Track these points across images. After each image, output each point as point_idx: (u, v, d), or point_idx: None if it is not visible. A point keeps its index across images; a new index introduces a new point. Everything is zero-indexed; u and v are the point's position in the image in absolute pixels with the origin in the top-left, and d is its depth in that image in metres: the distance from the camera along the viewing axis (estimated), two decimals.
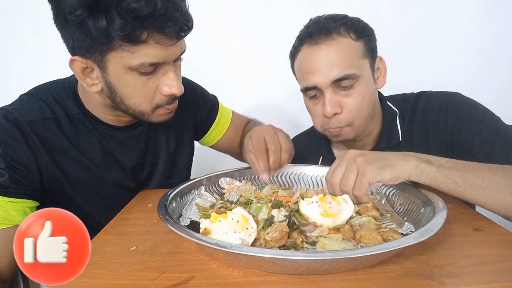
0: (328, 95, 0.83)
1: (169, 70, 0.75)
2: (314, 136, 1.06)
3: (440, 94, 0.90)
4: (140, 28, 0.66)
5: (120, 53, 0.69)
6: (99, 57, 0.70)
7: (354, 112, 0.84)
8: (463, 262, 0.51)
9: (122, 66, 0.71)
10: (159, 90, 0.76)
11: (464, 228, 0.62)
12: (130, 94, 0.75)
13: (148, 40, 0.67)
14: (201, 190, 0.76)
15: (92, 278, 0.49)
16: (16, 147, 0.74)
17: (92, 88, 0.76)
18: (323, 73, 0.82)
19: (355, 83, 0.83)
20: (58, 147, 0.80)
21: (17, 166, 0.74)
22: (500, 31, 1.52)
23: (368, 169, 0.63)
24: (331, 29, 0.82)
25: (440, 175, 0.64)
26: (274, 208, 0.62)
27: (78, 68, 0.73)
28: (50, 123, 0.79)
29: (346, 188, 0.65)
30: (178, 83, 0.76)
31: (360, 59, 0.84)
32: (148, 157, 0.94)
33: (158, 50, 0.70)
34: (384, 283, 0.46)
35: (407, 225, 0.60)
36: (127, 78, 0.73)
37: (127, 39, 0.66)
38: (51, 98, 0.82)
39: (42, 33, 1.41)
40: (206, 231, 0.56)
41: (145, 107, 0.77)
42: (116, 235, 0.64)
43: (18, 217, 0.73)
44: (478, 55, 1.54)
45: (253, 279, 0.48)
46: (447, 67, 1.54)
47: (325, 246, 0.54)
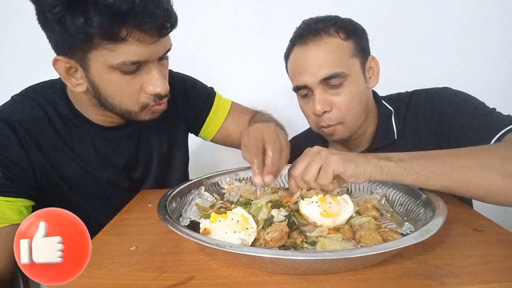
0: (317, 94, 0.85)
1: (153, 69, 0.74)
2: (311, 137, 1.06)
3: (429, 90, 0.91)
4: (119, 25, 0.64)
5: (101, 51, 0.67)
6: (81, 56, 0.69)
7: (344, 110, 0.85)
8: (463, 262, 0.51)
9: (104, 65, 0.70)
10: (144, 89, 0.75)
11: (464, 228, 0.62)
12: (114, 93, 0.74)
13: (127, 37, 0.66)
14: (201, 190, 0.76)
15: (92, 278, 0.50)
16: (9, 146, 0.75)
17: (77, 88, 0.75)
18: (312, 72, 0.84)
19: (344, 82, 0.84)
20: (51, 145, 0.80)
21: (10, 165, 0.74)
22: (499, 31, 1.52)
23: (333, 159, 0.63)
24: (320, 30, 0.84)
25: (399, 169, 0.63)
26: (274, 208, 0.62)
27: (62, 68, 0.73)
28: (42, 122, 0.80)
29: (307, 177, 0.63)
30: (162, 82, 0.75)
31: (349, 58, 0.85)
32: (141, 156, 0.93)
33: (139, 48, 0.68)
34: (384, 283, 0.46)
35: (407, 225, 0.60)
36: (110, 77, 0.71)
37: (106, 36, 0.65)
38: (42, 98, 0.82)
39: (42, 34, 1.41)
40: (206, 231, 0.56)
41: (131, 106, 0.76)
42: (116, 235, 0.64)
43: (14, 216, 0.73)
44: (477, 55, 1.54)
45: (253, 279, 0.48)
46: (446, 67, 1.54)
47: (325, 246, 0.54)
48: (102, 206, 0.86)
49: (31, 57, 1.47)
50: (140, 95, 0.75)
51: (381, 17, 1.36)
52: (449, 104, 0.84)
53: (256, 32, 1.51)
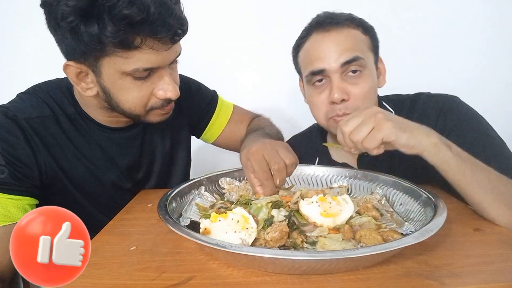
0: (336, 81, 0.83)
1: (165, 74, 0.74)
2: (311, 137, 1.05)
3: (439, 98, 0.89)
4: (133, 34, 0.65)
5: (114, 58, 0.68)
6: (93, 63, 0.70)
7: (360, 102, 0.84)
8: (463, 262, 0.51)
9: (116, 72, 0.70)
10: (154, 93, 0.76)
11: (464, 228, 0.62)
12: (125, 98, 0.75)
13: (141, 45, 0.67)
14: (201, 190, 0.76)
15: (92, 278, 0.49)
16: (16, 144, 0.74)
17: (87, 93, 0.76)
18: (332, 57, 0.83)
19: (363, 71, 0.84)
20: (57, 144, 0.80)
21: (16, 163, 0.74)
22: (501, 32, 1.52)
23: (386, 126, 0.61)
24: (341, 20, 0.85)
25: (453, 162, 0.63)
26: (274, 208, 0.62)
27: (72, 73, 0.73)
28: (49, 121, 0.80)
29: (356, 138, 0.63)
30: (173, 87, 0.76)
31: (367, 51, 0.86)
32: (144, 158, 0.94)
33: (152, 55, 0.69)
34: (384, 283, 0.46)
35: (407, 225, 0.60)
36: (122, 83, 0.72)
37: (120, 45, 0.66)
38: (48, 97, 0.82)
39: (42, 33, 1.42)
40: (206, 231, 0.56)
41: (140, 110, 0.77)
42: (116, 235, 0.64)
43: (18, 214, 0.73)
44: (478, 57, 1.54)
45: (253, 279, 0.48)
46: (447, 68, 1.54)
47: (325, 246, 0.54)
48: (105, 206, 0.86)
49: (31, 58, 1.47)
50: (150, 99, 0.76)
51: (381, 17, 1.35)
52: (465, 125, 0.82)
53: (257, 32, 1.51)
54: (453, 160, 0.63)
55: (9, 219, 0.72)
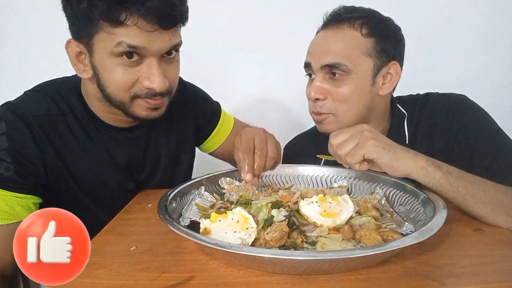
0: (317, 79, 0.85)
1: (153, 63, 0.73)
2: (317, 136, 1.05)
3: (447, 97, 0.89)
4: (120, 8, 0.66)
5: (103, 35, 0.69)
6: (87, 41, 0.71)
7: (338, 103, 0.84)
8: (463, 262, 0.51)
9: (105, 51, 0.71)
10: (140, 81, 0.74)
11: (464, 228, 0.62)
12: (110, 80, 0.74)
13: (126, 21, 0.67)
14: (201, 190, 0.76)
15: (92, 278, 0.49)
16: (23, 142, 0.74)
17: (83, 74, 0.76)
18: (317, 55, 0.85)
19: (346, 77, 0.83)
20: (63, 143, 0.80)
21: (23, 161, 0.73)
22: (505, 31, 1.52)
23: (369, 144, 0.64)
24: (344, 19, 0.85)
25: (445, 181, 0.64)
26: (274, 208, 0.62)
27: (73, 51, 0.74)
28: (56, 119, 0.80)
29: (340, 152, 0.67)
30: (160, 78, 0.73)
31: (360, 55, 0.83)
32: (149, 159, 0.93)
33: (137, 33, 0.69)
34: (384, 283, 0.46)
35: (407, 225, 0.60)
36: (109, 63, 0.72)
37: (106, 18, 0.67)
38: (56, 95, 0.82)
39: (41, 34, 1.42)
40: (206, 231, 0.56)
41: (123, 95, 0.75)
42: (116, 235, 0.64)
43: (23, 213, 0.73)
44: (482, 56, 1.54)
45: (253, 279, 0.48)
46: (449, 68, 1.54)
47: (325, 246, 0.54)
48: (107, 206, 0.86)
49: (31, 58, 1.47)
50: (135, 86, 0.75)
51: None
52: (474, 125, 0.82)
53: (257, 32, 1.51)
54: (444, 180, 0.64)
55: (14, 217, 0.72)
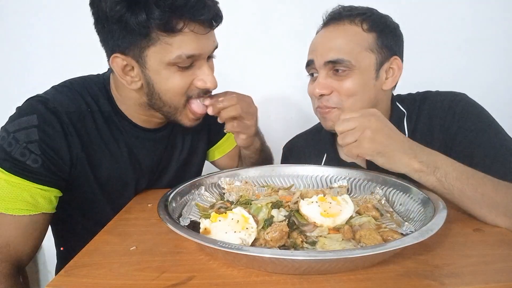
0: (321, 76, 0.85)
1: (204, 65, 0.78)
2: (319, 134, 1.05)
3: (447, 95, 0.89)
4: (176, 17, 0.70)
5: (159, 47, 0.72)
6: (138, 54, 0.73)
7: (344, 96, 0.84)
8: (463, 262, 0.51)
9: (161, 62, 0.73)
10: (194, 83, 0.79)
11: (464, 228, 0.62)
12: (167, 88, 0.77)
13: (184, 29, 0.71)
14: (201, 190, 0.76)
15: (92, 278, 0.49)
16: (54, 136, 0.75)
17: (132, 86, 0.78)
18: (320, 52, 0.85)
19: (350, 72, 0.83)
20: (90, 140, 0.81)
21: (52, 155, 0.74)
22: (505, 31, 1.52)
23: (365, 146, 0.66)
24: (344, 16, 0.86)
25: (438, 185, 0.65)
26: (274, 208, 0.62)
27: (119, 66, 0.76)
28: (85, 116, 0.81)
29: (340, 142, 0.70)
30: (212, 77, 0.79)
31: (363, 50, 0.83)
32: (163, 160, 0.94)
33: (193, 40, 0.73)
34: (384, 283, 0.46)
35: (407, 225, 0.60)
36: (166, 73, 0.75)
37: (164, 29, 0.70)
38: (86, 92, 0.83)
39: (41, 34, 1.42)
40: (206, 231, 0.56)
41: (179, 100, 0.80)
42: (116, 235, 0.64)
43: (45, 205, 0.73)
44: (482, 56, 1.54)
45: (253, 279, 0.48)
46: (449, 67, 1.54)
47: (325, 246, 0.54)
48: (118, 204, 0.86)
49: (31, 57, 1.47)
50: (189, 88, 0.79)
51: None
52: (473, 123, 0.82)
53: (257, 32, 1.51)
54: (437, 184, 0.65)
55: (36, 208, 0.72)
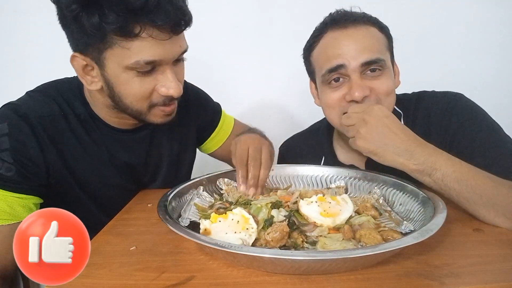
0: (356, 79, 0.80)
1: (168, 71, 0.74)
2: (316, 136, 1.04)
3: (443, 95, 0.88)
4: (133, 21, 0.66)
5: (116, 50, 0.68)
6: (96, 55, 0.70)
7: (382, 96, 0.82)
8: (463, 262, 0.51)
9: (119, 65, 0.70)
10: (157, 89, 0.75)
11: (464, 228, 0.62)
12: (127, 92, 0.74)
13: (141, 33, 0.67)
14: (200, 190, 0.76)
15: (92, 278, 0.49)
16: (25, 143, 0.74)
17: (91, 86, 0.76)
18: (351, 54, 0.80)
19: (383, 72, 0.81)
20: (65, 144, 0.80)
21: (25, 162, 0.73)
22: (506, 31, 1.52)
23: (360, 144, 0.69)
24: (358, 18, 0.83)
25: (435, 186, 0.66)
26: (273, 209, 0.62)
27: (79, 65, 0.74)
28: (58, 120, 0.80)
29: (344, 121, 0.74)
30: (176, 84, 0.75)
31: (385, 49, 0.84)
32: (151, 160, 0.94)
33: (152, 45, 0.69)
34: (384, 283, 0.46)
35: (406, 224, 0.60)
36: (125, 77, 0.72)
37: (120, 33, 0.66)
38: (59, 96, 0.82)
39: (41, 34, 1.41)
40: (206, 232, 0.56)
41: (141, 106, 0.76)
42: (116, 235, 0.64)
43: (24, 213, 0.73)
44: (480, 56, 1.54)
45: (253, 279, 0.48)
46: (449, 68, 1.54)
47: (325, 246, 0.54)
48: (109, 207, 0.86)
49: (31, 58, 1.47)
50: (152, 95, 0.76)
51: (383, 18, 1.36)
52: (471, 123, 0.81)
53: (256, 32, 1.51)
54: (433, 184, 0.66)
55: (15, 217, 0.72)
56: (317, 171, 0.84)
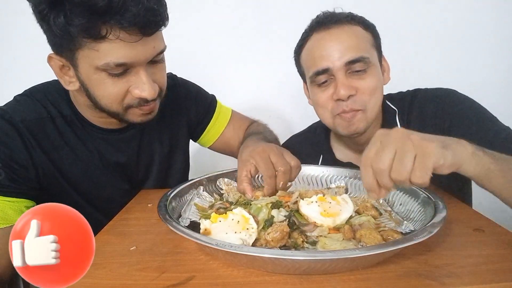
0: (341, 78, 0.81)
1: (141, 72, 0.72)
2: (314, 135, 1.05)
3: (436, 91, 0.90)
4: (98, 23, 0.64)
5: (87, 51, 0.67)
6: (69, 55, 0.70)
7: (368, 96, 0.83)
8: (463, 262, 0.51)
9: (90, 66, 0.69)
10: (130, 91, 0.73)
11: (464, 228, 0.62)
12: (101, 94, 0.73)
13: (108, 35, 0.65)
14: (200, 190, 0.76)
15: (92, 278, 0.49)
16: (12, 146, 0.75)
17: (69, 86, 0.76)
18: (335, 56, 0.81)
19: (368, 69, 0.82)
20: (53, 146, 0.80)
21: (13, 165, 0.74)
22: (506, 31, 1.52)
23: (432, 148, 0.48)
24: (342, 18, 0.84)
25: (494, 166, 0.55)
26: (273, 209, 0.62)
27: (56, 65, 0.73)
28: (45, 123, 0.80)
29: (402, 174, 0.48)
30: (150, 86, 0.73)
31: (371, 47, 0.85)
32: (142, 159, 0.93)
33: (121, 47, 0.67)
34: (384, 283, 0.46)
35: (406, 224, 0.60)
36: (97, 78, 0.71)
37: (86, 35, 0.65)
38: (45, 99, 0.82)
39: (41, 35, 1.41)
40: (206, 232, 0.56)
41: (116, 107, 0.75)
42: (116, 235, 0.64)
43: (16, 217, 0.73)
44: (481, 56, 1.54)
45: (253, 279, 0.48)
46: (449, 67, 1.54)
47: (326, 246, 0.54)
48: (103, 207, 0.86)
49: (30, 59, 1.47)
50: (126, 97, 0.74)
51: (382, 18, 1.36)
52: (465, 113, 0.82)
53: (255, 33, 1.51)
54: (494, 166, 0.55)
55: (7, 221, 0.72)
56: (317, 171, 0.84)
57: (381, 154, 0.50)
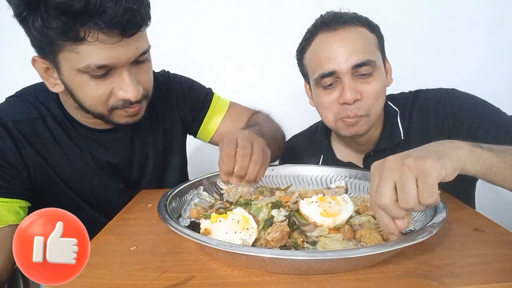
0: (347, 81, 0.81)
1: (125, 74, 0.71)
2: (315, 135, 1.05)
3: (436, 91, 0.90)
4: (77, 25, 0.63)
5: (67, 54, 0.67)
6: (51, 58, 0.69)
7: (372, 101, 0.82)
8: (463, 262, 0.51)
9: (72, 68, 0.69)
10: (114, 93, 0.73)
11: (464, 228, 0.62)
12: (84, 96, 0.73)
13: (87, 37, 0.64)
14: (200, 190, 0.76)
15: (92, 278, 0.49)
16: (3, 147, 0.75)
17: (55, 88, 0.75)
18: (342, 58, 0.80)
19: (374, 72, 0.82)
20: (46, 146, 0.80)
21: (5, 165, 0.74)
22: (506, 31, 1.52)
23: (429, 165, 0.48)
24: (348, 19, 0.83)
25: (495, 159, 0.55)
26: (273, 209, 0.62)
27: (40, 67, 0.73)
28: (36, 123, 0.80)
29: (410, 202, 0.47)
30: (133, 87, 0.72)
31: (376, 50, 0.84)
32: (136, 159, 0.93)
33: (102, 49, 0.66)
34: (384, 283, 0.46)
35: None
36: (80, 80, 0.70)
37: (64, 37, 0.64)
38: (36, 100, 0.82)
39: None
40: (206, 232, 0.56)
41: (101, 109, 0.75)
42: (116, 235, 0.64)
43: (10, 217, 0.73)
44: (482, 56, 1.54)
45: (253, 279, 0.48)
46: (449, 68, 1.54)
47: (326, 246, 0.54)
48: (100, 206, 0.86)
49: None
50: (110, 98, 0.74)
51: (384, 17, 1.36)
52: (467, 108, 0.82)
53: (254, 33, 1.51)
54: (493, 158, 0.55)
55: (1, 222, 0.72)
56: (317, 171, 0.84)
57: (380, 190, 0.50)
